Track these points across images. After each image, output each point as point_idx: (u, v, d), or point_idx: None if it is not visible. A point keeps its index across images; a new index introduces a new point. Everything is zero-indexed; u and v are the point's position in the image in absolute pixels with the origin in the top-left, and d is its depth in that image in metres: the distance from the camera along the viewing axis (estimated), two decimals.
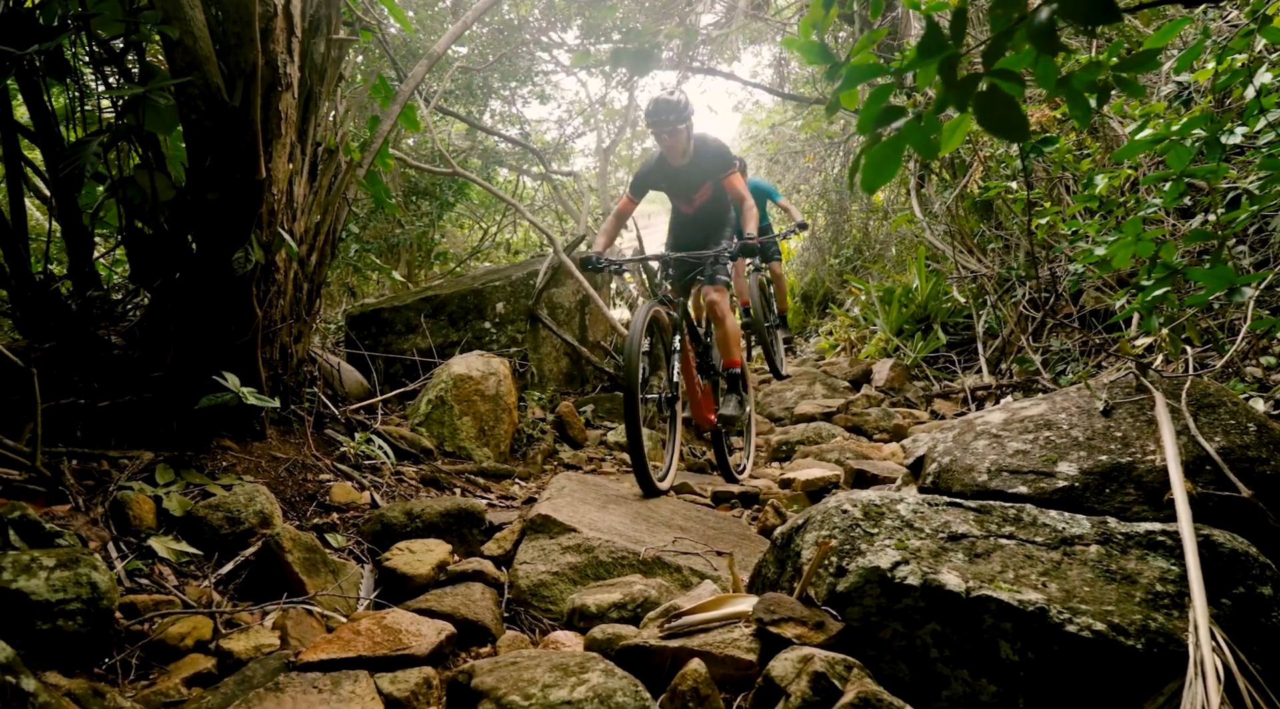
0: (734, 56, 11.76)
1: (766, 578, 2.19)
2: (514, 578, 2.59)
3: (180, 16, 2.77)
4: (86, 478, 2.56)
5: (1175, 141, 2.12)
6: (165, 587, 2.27)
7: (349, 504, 3.04)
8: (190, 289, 2.99)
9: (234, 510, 2.59)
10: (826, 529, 1.95)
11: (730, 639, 1.79)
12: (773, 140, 14.41)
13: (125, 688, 1.89)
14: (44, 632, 1.85)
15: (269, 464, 3.07)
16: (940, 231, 7.62)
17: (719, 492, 3.84)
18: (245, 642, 2.09)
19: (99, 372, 2.94)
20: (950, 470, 2.85)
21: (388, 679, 2.00)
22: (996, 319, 6.50)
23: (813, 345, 11.24)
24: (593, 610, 2.29)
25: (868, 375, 7.08)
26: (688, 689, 1.60)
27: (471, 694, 1.68)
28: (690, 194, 4.59)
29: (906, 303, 8.20)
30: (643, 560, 2.63)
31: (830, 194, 13.09)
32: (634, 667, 1.77)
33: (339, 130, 3.64)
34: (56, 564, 1.92)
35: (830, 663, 1.53)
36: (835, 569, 1.84)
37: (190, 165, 3.04)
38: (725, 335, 4.40)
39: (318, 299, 3.64)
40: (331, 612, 2.36)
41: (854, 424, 5.50)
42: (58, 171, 2.92)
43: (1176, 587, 1.76)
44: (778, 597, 1.83)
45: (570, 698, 1.56)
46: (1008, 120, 1.09)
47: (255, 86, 2.84)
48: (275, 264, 3.16)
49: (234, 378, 2.88)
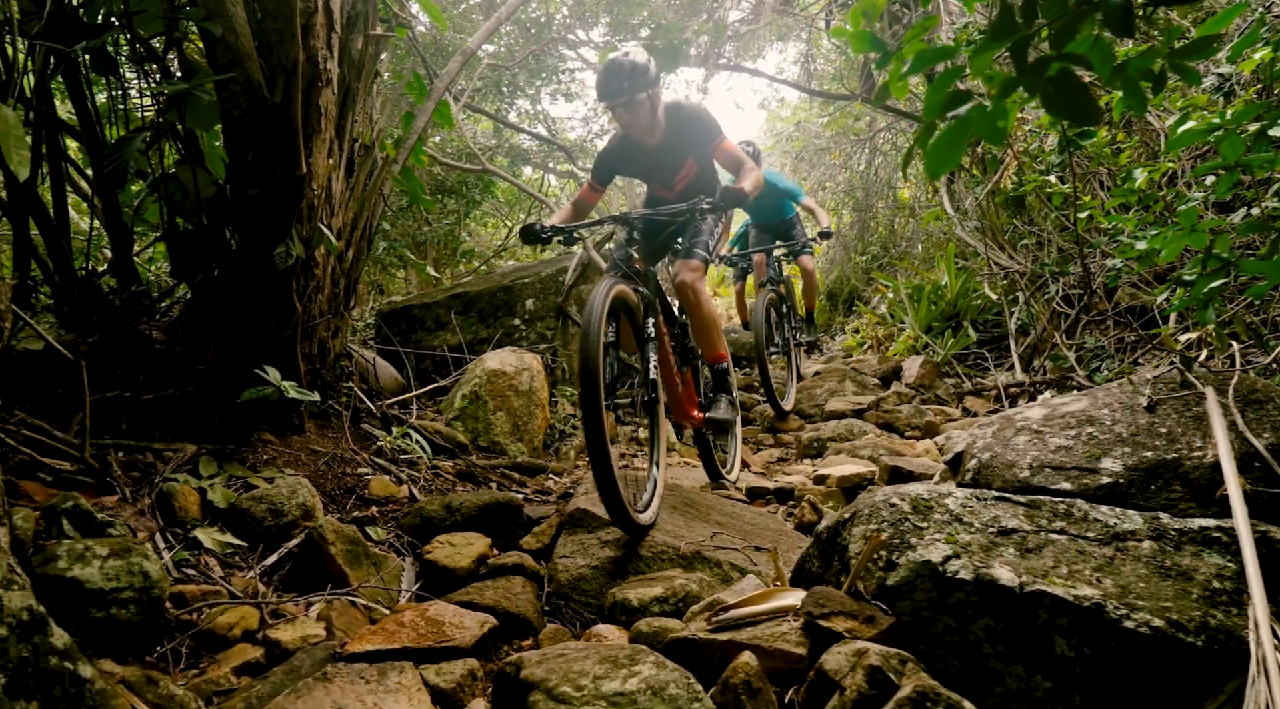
0: (759, 53, 11.75)
1: (811, 572, 2.17)
2: (553, 571, 2.60)
3: (222, 13, 2.80)
4: (133, 470, 2.60)
5: (1230, 131, 2.09)
6: (212, 577, 2.29)
7: (388, 498, 3.06)
8: (231, 284, 3.02)
9: (277, 503, 2.61)
10: (875, 523, 1.93)
11: (779, 633, 1.78)
12: (798, 137, 14.37)
13: (176, 676, 1.91)
14: (98, 620, 1.87)
15: (308, 458, 3.10)
16: (971, 228, 7.56)
17: (753, 487, 3.83)
18: (292, 632, 2.10)
19: (142, 366, 2.97)
20: (990, 467, 2.82)
21: (433, 670, 2.01)
22: (1029, 316, 6.43)
23: (839, 343, 11.19)
24: (634, 604, 2.29)
25: (897, 372, 7.03)
26: (739, 682, 1.59)
27: (521, 685, 1.68)
28: (669, 177, 3.79)
29: (936, 300, 8.15)
30: (682, 555, 2.63)
31: (856, 191, 13.03)
32: (682, 660, 1.76)
33: (375, 126, 3.67)
34: (109, 553, 1.94)
35: (885, 657, 1.51)
36: (885, 563, 1.83)
37: (230, 161, 3.06)
38: (705, 324, 3.65)
39: (354, 294, 3.67)
40: (374, 603, 2.38)
41: (885, 421, 5.47)
42: (101, 168, 2.96)
43: (1234, 583, 1.73)
44: (827, 591, 1.82)
45: (623, 689, 1.56)
46: (1078, 105, 1.08)
47: (296, 82, 2.86)
48: (315, 259, 3.19)
49: (275, 372, 2.90)
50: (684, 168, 3.74)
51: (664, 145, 3.59)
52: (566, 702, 1.57)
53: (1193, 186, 4.44)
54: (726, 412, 3.64)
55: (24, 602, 1.56)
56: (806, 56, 10.23)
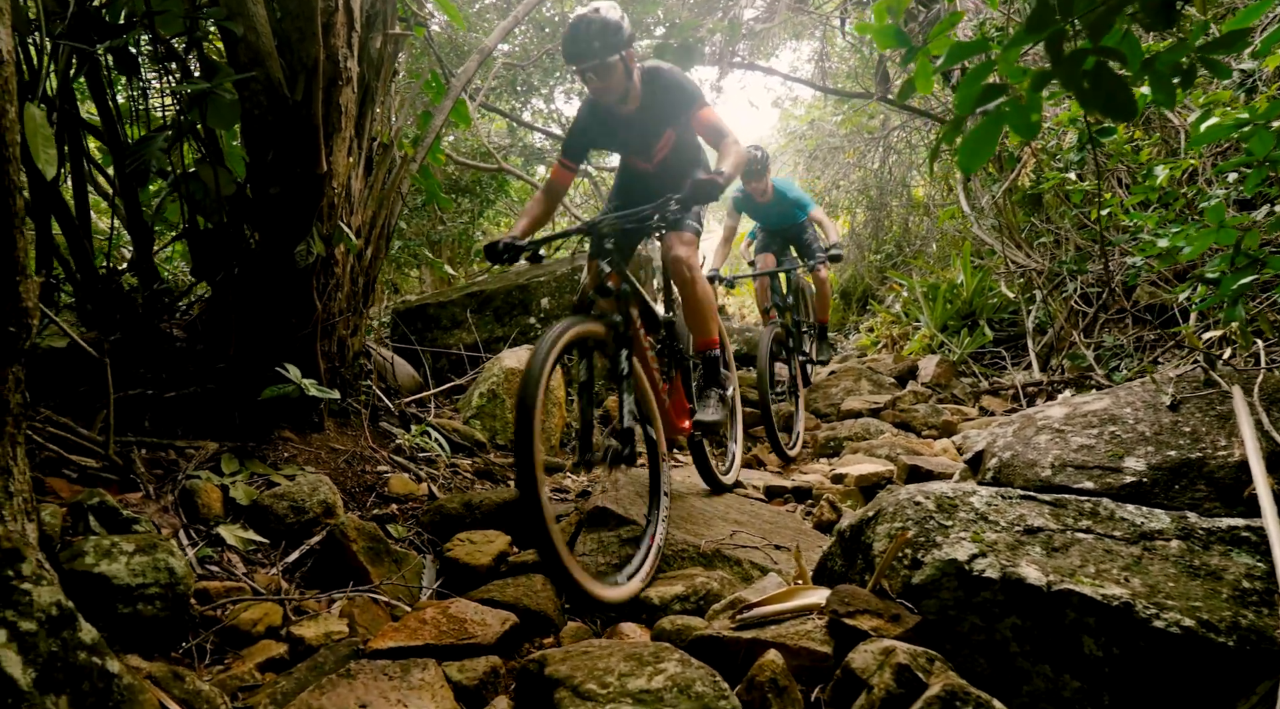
0: (772, 52, 11.70)
1: (833, 571, 2.17)
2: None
3: (243, 13, 2.81)
4: (156, 467, 2.61)
5: (1259, 127, 2.07)
6: (235, 574, 2.30)
7: (407, 495, 3.07)
8: (252, 282, 3.03)
9: (298, 500, 2.62)
10: (899, 521, 1.93)
11: (804, 631, 1.78)
12: (811, 136, 14.32)
13: (202, 672, 1.92)
14: (124, 615, 1.89)
15: (328, 455, 3.11)
16: (988, 226, 7.51)
17: (771, 486, 3.82)
18: (315, 629, 2.11)
19: (164, 363, 2.99)
20: (1011, 465, 2.80)
21: (455, 667, 2.01)
22: (1046, 314, 6.39)
23: (853, 342, 11.16)
24: (656, 602, 2.29)
25: (913, 371, 7.00)
26: (766, 680, 1.58)
27: (545, 682, 1.68)
28: (648, 148, 3.41)
29: (952, 298, 8.11)
30: (702, 553, 2.63)
31: (870, 190, 12.99)
32: (706, 657, 1.76)
33: (393, 125, 3.68)
34: (135, 549, 1.96)
35: (913, 655, 1.51)
36: (910, 561, 1.82)
37: (251, 160, 3.08)
38: (698, 303, 3.21)
39: (372, 293, 3.68)
40: (395, 600, 2.39)
41: (902, 420, 5.44)
42: (124, 167, 2.98)
43: (1264, 583, 1.72)
44: (851, 589, 1.82)
45: (649, 687, 1.56)
46: (1115, 99, 1.07)
47: (317, 81, 2.87)
48: (335, 257, 3.20)
49: (295, 369, 2.92)
50: (664, 138, 3.36)
51: (642, 114, 3.21)
52: (592, 699, 1.57)
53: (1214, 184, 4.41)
54: (717, 410, 3.20)
55: (53, 597, 1.57)
56: (821, 55, 10.20)
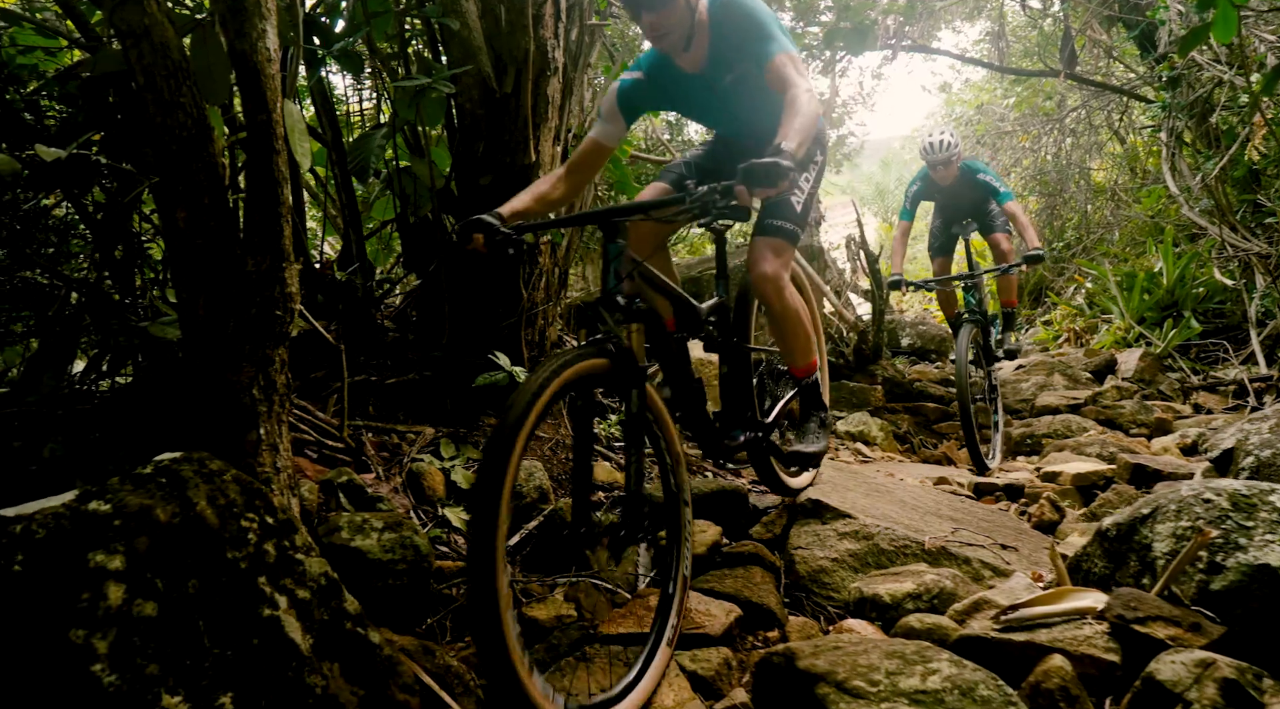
0: (935, 35, 11.16)
1: (1091, 573, 1.99)
2: (791, 563, 2.51)
3: (457, 9, 2.88)
4: (382, 450, 2.71)
5: None
6: (463, 554, 2.35)
7: (610, 483, 3.07)
8: (461, 273, 3.11)
9: (516, 485, 2.66)
10: (1186, 520, 1.74)
11: (1082, 636, 1.62)
12: (980, 121, 13.62)
13: (446, 649, 1.96)
14: (376, 589, 1.95)
15: (534, 443, 3.15)
16: (1199, 208, 6.82)
17: (980, 484, 3.61)
18: (546, 611, 2.12)
19: (381, 351, 3.11)
20: (1273, 464, 2.51)
21: (687, 657, 1.98)
22: (1274, 302, 5.77)
23: (1030, 336, 10.50)
24: (886, 600, 2.18)
25: (1111, 366, 6.50)
26: (1054, 688, 1.45)
27: (800, 676, 1.61)
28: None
29: (1150, 288, 7.48)
30: (926, 550, 2.48)
31: (1048, 175, 12.18)
32: (972, 659, 1.64)
33: (587, 116, 3.70)
34: (384, 526, 2.02)
35: (1239, 670, 1.33)
36: (1206, 565, 1.63)
37: (459, 152, 3.16)
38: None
39: (565, 283, 3.72)
40: (614, 587, 2.37)
41: (1106, 417, 5.04)
42: (347, 165, 3.12)
43: None
44: (1136, 593, 1.64)
45: (924, 687, 1.45)
46: None
47: (526, 72, 2.91)
48: (539, 247, 3.24)
49: (504, 358, 2.97)
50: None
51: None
52: (862, 696, 1.48)
53: None
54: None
55: (321, 568, 1.62)
56: (997, 34, 9.65)
